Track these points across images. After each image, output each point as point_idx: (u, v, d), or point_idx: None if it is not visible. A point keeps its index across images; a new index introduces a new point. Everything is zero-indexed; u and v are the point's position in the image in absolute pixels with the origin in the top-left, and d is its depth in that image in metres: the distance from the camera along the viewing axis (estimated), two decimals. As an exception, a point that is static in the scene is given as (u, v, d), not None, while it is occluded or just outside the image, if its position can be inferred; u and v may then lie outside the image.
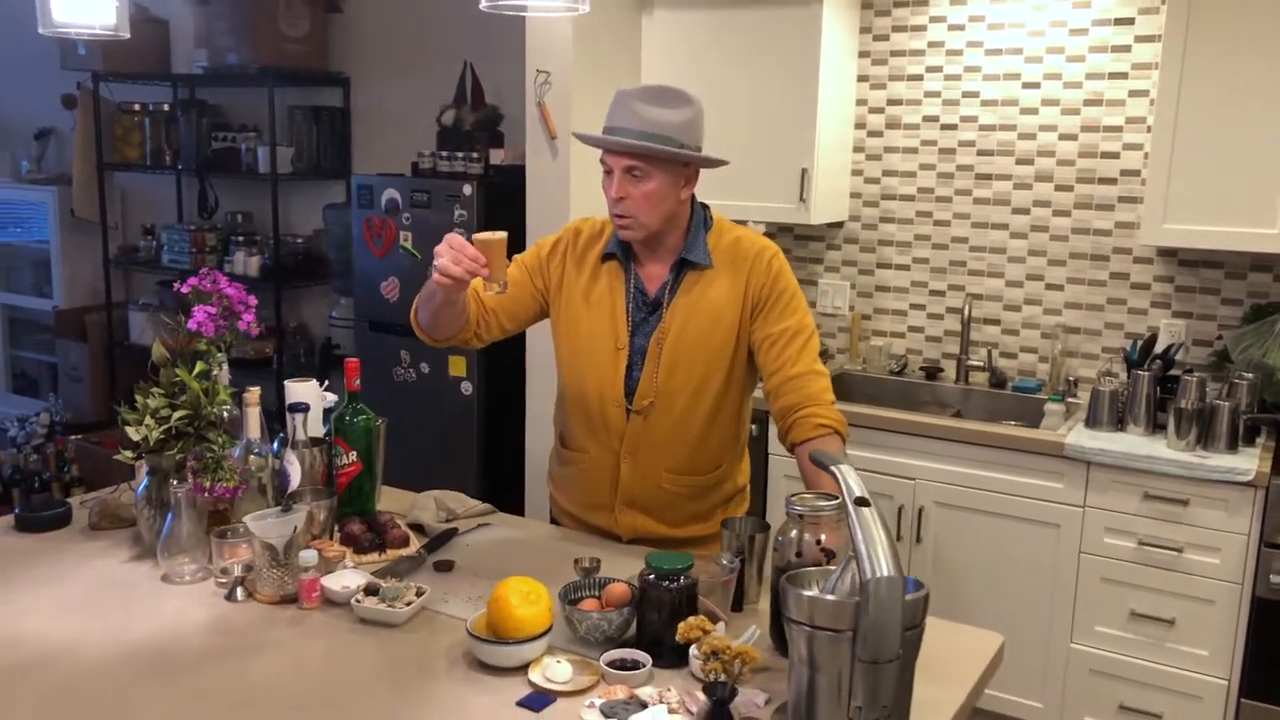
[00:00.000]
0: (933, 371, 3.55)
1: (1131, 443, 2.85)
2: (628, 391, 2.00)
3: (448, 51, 4.36)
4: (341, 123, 4.80)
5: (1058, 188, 3.34)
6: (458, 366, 3.85)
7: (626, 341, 2.01)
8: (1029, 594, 2.97)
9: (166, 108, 5.09)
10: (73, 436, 4.90)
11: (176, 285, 1.91)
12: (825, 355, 3.71)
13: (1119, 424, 2.96)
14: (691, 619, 1.39)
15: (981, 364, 3.47)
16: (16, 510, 2.09)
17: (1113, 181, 3.25)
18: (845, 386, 3.57)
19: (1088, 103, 3.25)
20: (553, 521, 2.25)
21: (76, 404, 5.52)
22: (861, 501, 1.32)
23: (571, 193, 3.40)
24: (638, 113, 1.89)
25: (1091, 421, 2.98)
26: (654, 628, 1.57)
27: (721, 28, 3.47)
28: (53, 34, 1.83)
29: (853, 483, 1.36)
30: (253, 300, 1.94)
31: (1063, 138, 3.30)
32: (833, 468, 1.40)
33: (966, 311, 3.43)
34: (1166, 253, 3.20)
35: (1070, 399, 3.19)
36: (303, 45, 4.59)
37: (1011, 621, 2.99)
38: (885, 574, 1.26)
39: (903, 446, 3.09)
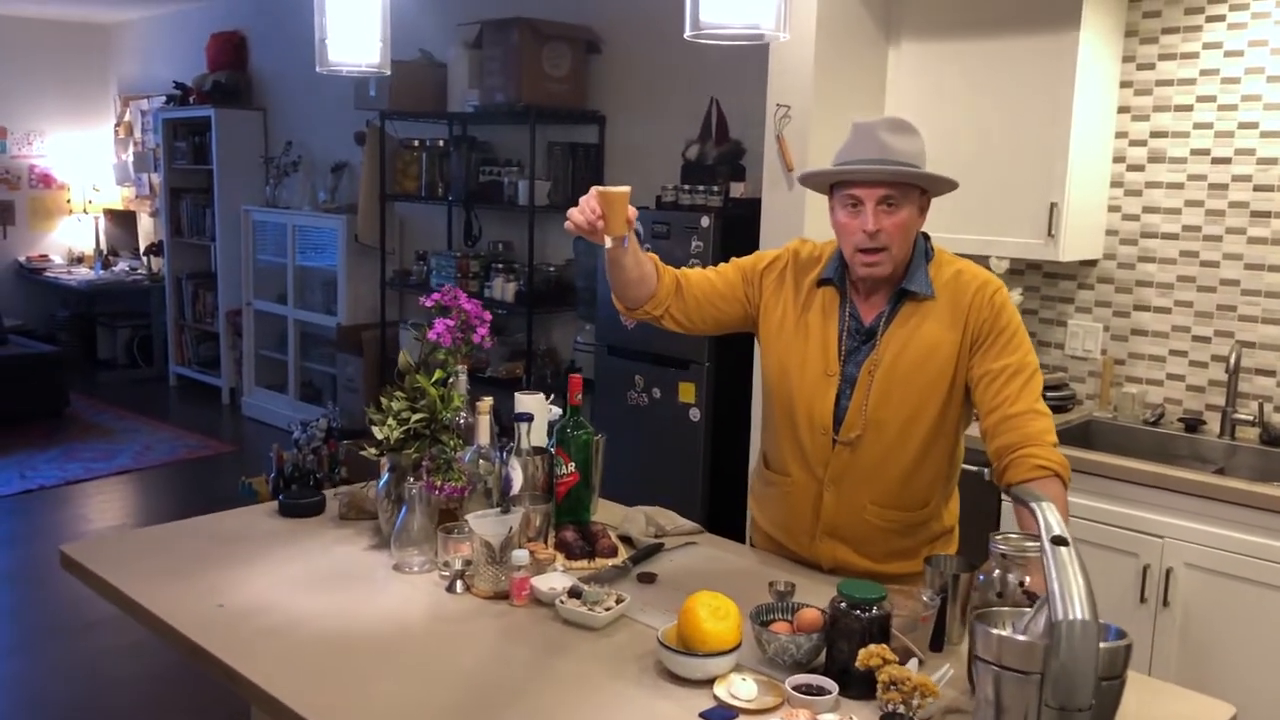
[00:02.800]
0: (1193, 424, 3.27)
1: None
2: (835, 420, 1.99)
3: (695, 88, 4.50)
4: (596, 158, 5.04)
5: (1350, 227, 3.01)
6: (687, 393, 3.94)
7: (837, 369, 1.99)
8: (1295, 676, 2.67)
9: (441, 143, 5.54)
10: (344, 441, 5.37)
11: (422, 299, 2.08)
12: (1072, 400, 3.50)
13: None
14: (873, 646, 1.37)
15: (1251, 418, 3.16)
16: (281, 498, 2.33)
17: None
18: (1092, 435, 3.35)
19: (1389, 133, 2.92)
20: (749, 543, 2.26)
21: (351, 412, 6.05)
22: (1059, 540, 1.26)
23: (806, 224, 3.41)
24: (885, 143, 1.89)
25: (1379, 488, 2.65)
26: (843, 656, 1.55)
27: (970, 57, 3.39)
28: (328, 72, 2.07)
29: (1052, 520, 1.29)
30: (487, 316, 2.09)
31: (1357, 172, 2.98)
32: (1032, 504, 1.34)
33: (1233, 360, 3.14)
34: None
35: (1357, 462, 2.86)
36: (564, 85, 4.87)
37: (1274, 705, 2.69)
38: (1079, 617, 1.19)
39: (1153, 501, 2.87)
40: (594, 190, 1.91)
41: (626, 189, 1.90)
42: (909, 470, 1.98)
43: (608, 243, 1.92)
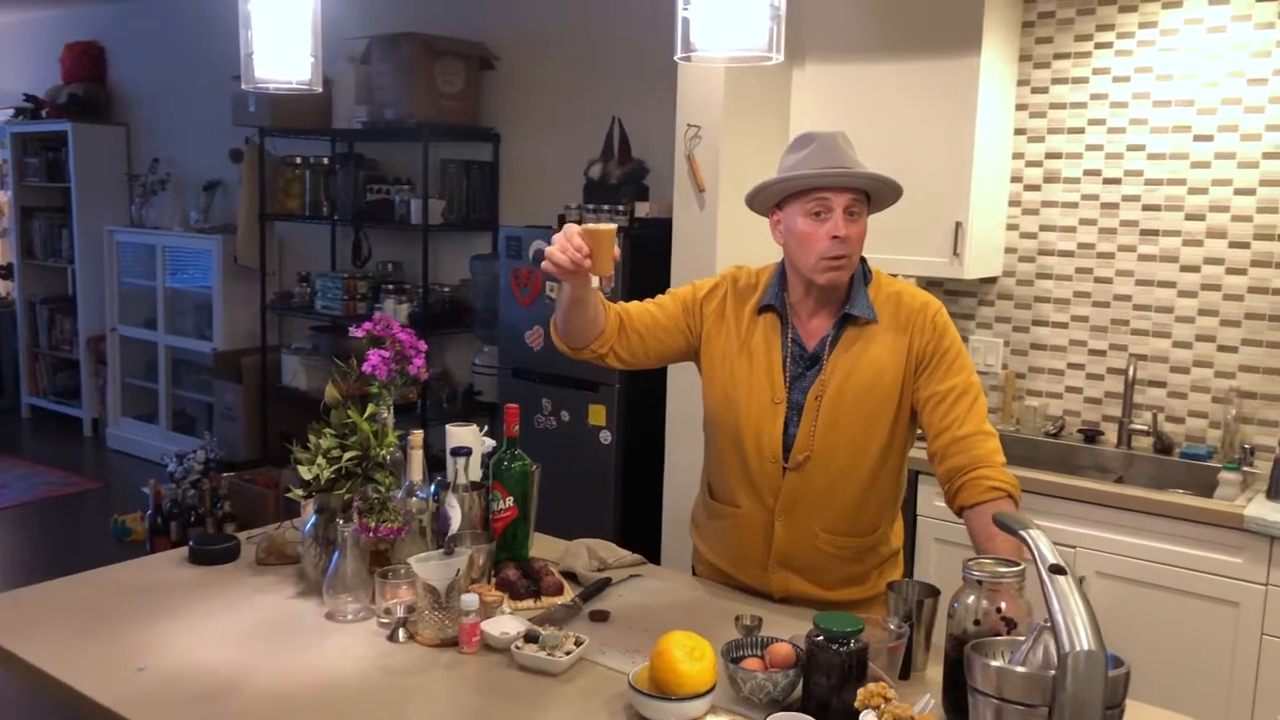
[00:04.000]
0: (1092, 434, 3.39)
1: (1321, 517, 2.65)
2: (784, 447, 1.96)
3: (595, 107, 4.46)
4: (490, 176, 4.94)
5: (1232, 244, 3.17)
6: (597, 415, 3.87)
7: (784, 396, 1.97)
8: (1203, 676, 2.77)
9: (326, 161, 5.34)
10: (226, 474, 5.11)
11: (352, 330, 1.97)
12: (975, 414, 3.57)
13: (1305, 497, 2.76)
14: (872, 685, 1.34)
15: (1146, 428, 3.29)
16: (191, 544, 2.16)
17: (1294, 238, 3.07)
18: (997, 447, 3.44)
19: (1267, 156, 3.08)
20: (693, 572, 2.22)
21: (230, 442, 5.76)
22: (1057, 569, 1.25)
23: (718, 245, 3.40)
24: (847, 154, 1.91)
25: (1274, 493, 2.79)
26: (821, 691, 1.52)
27: (874, 80, 3.44)
28: (254, 89, 1.93)
29: (1045, 549, 1.29)
30: (423, 345, 1.99)
31: (1239, 192, 3.14)
32: (1022, 532, 1.33)
33: (1131, 373, 3.27)
34: (1356, 315, 2.99)
35: (1246, 468, 2.99)
36: (457, 102, 4.76)
37: (1183, 705, 2.77)
38: (1086, 647, 1.18)
39: (1061, 512, 2.95)
40: (573, 228, 1.80)
41: (614, 226, 1.82)
42: (860, 495, 1.97)
43: (594, 283, 1.83)
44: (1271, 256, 3.11)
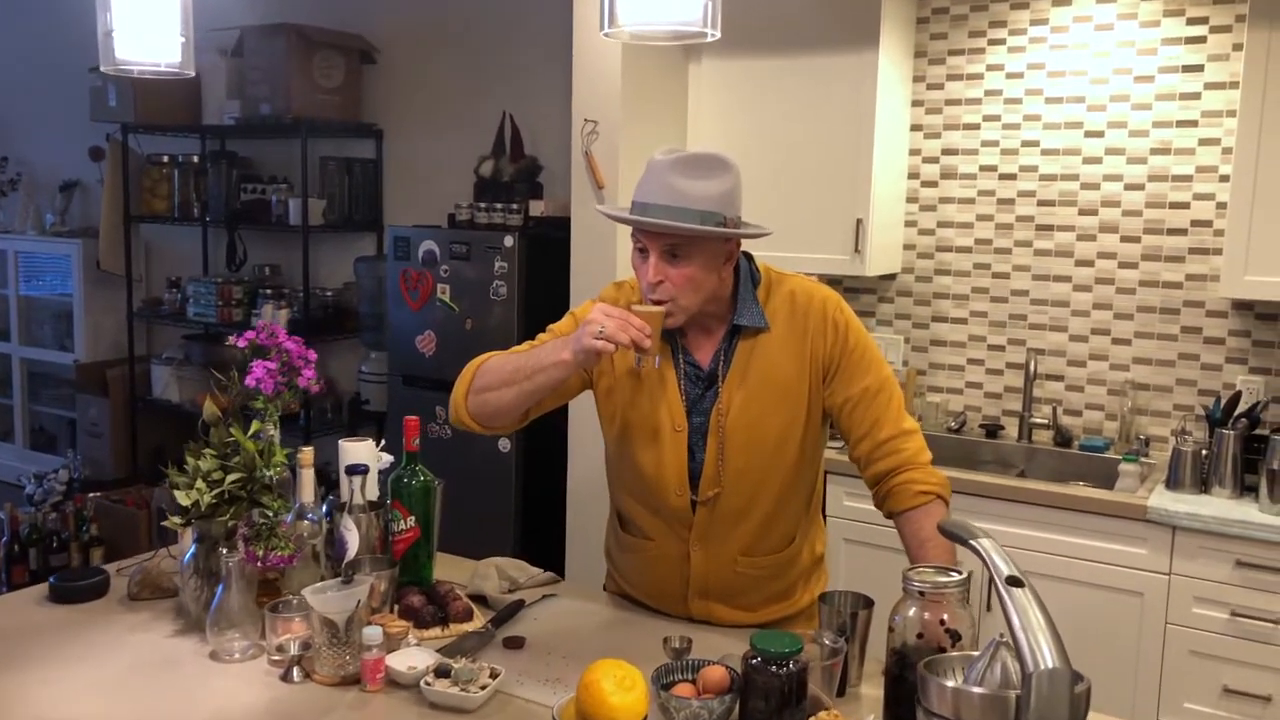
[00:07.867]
0: (993, 429, 3.41)
1: (1220, 506, 2.69)
2: (691, 475, 1.83)
3: (484, 102, 4.29)
4: (374, 174, 4.73)
5: (1124, 239, 3.22)
6: (496, 423, 3.72)
7: (685, 423, 1.84)
8: (1109, 666, 2.80)
9: (196, 159, 5.03)
10: (92, 494, 4.76)
11: (234, 339, 1.79)
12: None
13: (1202, 486, 2.81)
14: (823, 714, 1.25)
15: (1046, 422, 3.32)
16: (52, 580, 1.95)
17: (1183, 233, 3.13)
18: (901, 445, 3.43)
19: (1155, 152, 3.14)
20: (604, 588, 2.10)
21: (96, 460, 5.39)
22: (1014, 581, 1.18)
23: (619, 243, 3.30)
24: (674, 187, 1.69)
25: (1172, 483, 2.83)
26: (759, 716, 1.42)
27: (772, 76, 3.39)
28: (115, 72, 1.73)
29: (999, 560, 1.22)
30: (312, 355, 1.83)
31: (1128, 188, 3.19)
32: (973, 543, 1.26)
33: (1033, 367, 3.29)
34: (1242, 306, 3.07)
35: (1144, 459, 3.04)
36: (336, 96, 4.53)
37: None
38: (1050, 665, 1.11)
39: (964, 508, 2.93)
40: (613, 309, 1.68)
41: (662, 308, 1.71)
42: (773, 512, 1.86)
43: (648, 362, 1.74)
44: (1160, 250, 3.18)
